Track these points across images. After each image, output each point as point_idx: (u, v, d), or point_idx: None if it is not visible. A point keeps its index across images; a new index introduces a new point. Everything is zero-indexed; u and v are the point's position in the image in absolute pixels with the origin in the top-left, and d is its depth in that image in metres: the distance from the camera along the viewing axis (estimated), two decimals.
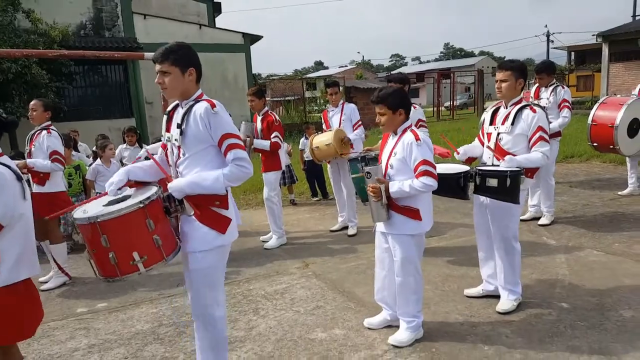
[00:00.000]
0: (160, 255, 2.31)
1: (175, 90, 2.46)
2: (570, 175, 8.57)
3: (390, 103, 3.06)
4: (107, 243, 2.19)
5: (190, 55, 2.46)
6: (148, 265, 2.27)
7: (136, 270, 2.26)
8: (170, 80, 2.42)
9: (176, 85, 2.44)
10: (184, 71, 2.43)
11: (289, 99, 28.36)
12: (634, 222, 5.57)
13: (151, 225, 2.26)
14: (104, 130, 12.06)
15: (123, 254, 2.23)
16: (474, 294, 3.82)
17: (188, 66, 2.44)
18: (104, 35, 15.08)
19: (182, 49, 2.45)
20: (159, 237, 2.29)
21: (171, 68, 2.41)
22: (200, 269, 2.48)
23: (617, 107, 6.12)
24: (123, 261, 2.23)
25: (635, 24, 25.26)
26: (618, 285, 3.87)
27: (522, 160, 3.35)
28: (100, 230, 2.18)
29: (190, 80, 2.46)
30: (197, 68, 2.48)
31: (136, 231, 2.25)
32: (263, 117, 5.58)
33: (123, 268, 2.24)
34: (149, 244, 2.27)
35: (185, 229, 2.48)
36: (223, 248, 2.53)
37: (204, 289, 2.51)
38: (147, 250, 2.27)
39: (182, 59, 2.42)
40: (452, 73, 29.19)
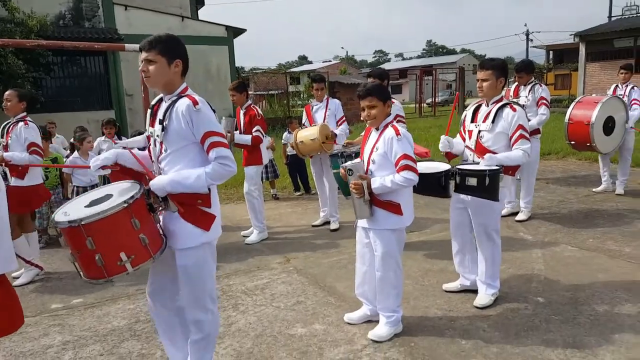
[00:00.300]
0: (147, 254, 2.28)
1: (158, 80, 2.41)
2: (547, 172, 8.73)
3: (380, 95, 3.09)
4: (92, 245, 2.15)
5: (178, 47, 2.43)
6: (136, 264, 2.24)
7: (124, 271, 2.23)
8: (155, 69, 2.38)
9: (160, 74, 2.40)
10: (170, 62, 2.39)
11: (272, 93, 28.20)
12: (607, 218, 5.71)
13: (137, 224, 2.23)
14: (82, 122, 11.86)
15: (110, 255, 2.20)
16: (452, 289, 3.88)
17: (175, 57, 2.40)
18: (83, 25, 14.80)
19: (170, 39, 2.42)
20: (145, 235, 2.26)
21: (157, 57, 2.37)
22: (186, 266, 2.46)
23: (592, 106, 6.25)
24: (110, 262, 2.20)
25: (611, 24, 25.79)
26: (591, 280, 3.96)
27: (502, 158, 3.40)
28: (85, 232, 2.14)
29: (175, 72, 2.42)
30: (183, 61, 2.44)
31: (122, 231, 2.22)
32: (245, 110, 5.54)
33: (110, 269, 2.21)
34: (135, 243, 2.24)
35: (169, 226, 2.46)
36: (209, 245, 2.53)
37: (194, 284, 2.49)
38: (134, 250, 2.24)
39: (169, 50, 2.39)
40: (434, 70, 29.38)
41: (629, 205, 6.21)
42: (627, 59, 20.16)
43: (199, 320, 2.55)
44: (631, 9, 31.16)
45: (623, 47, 22.50)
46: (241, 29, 17.99)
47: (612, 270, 4.15)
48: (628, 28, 22.26)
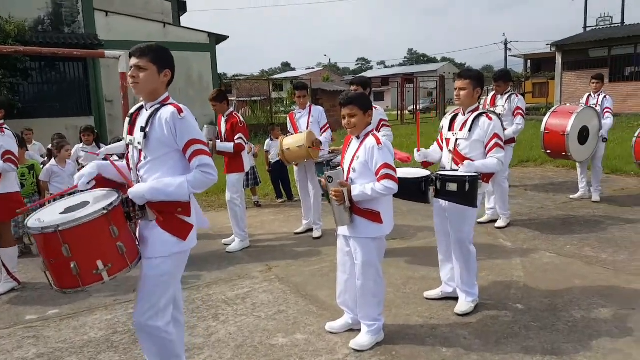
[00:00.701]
0: (124, 263, 2.24)
1: (146, 87, 2.41)
2: (526, 179, 8.86)
3: (361, 104, 3.12)
4: (68, 252, 2.10)
5: (168, 58, 2.47)
6: (112, 273, 2.20)
7: (100, 280, 2.18)
8: (145, 76, 2.38)
9: (150, 82, 2.40)
10: (161, 71, 2.42)
11: (255, 99, 28.17)
12: (584, 224, 5.81)
13: (115, 231, 2.20)
14: (60, 128, 11.68)
15: (86, 263, 2.15)
16: (433, 296, 3.90)
17: (165, 67, 2.43)
18: (63, 31, 14.62)
19: (162, 49, 2.46)
20: (122, 244, 2.23)
21: (149, 65, 2.38)
22: (156, 276, 2.42)
23: (567, 116, 6.38)
24: (86, 271, 2.15)
25: (586, 34, 26.39)
26: (569, 286, 4.02)
27: (479, 165, 3.48)
28: (62, 239, 2.09)
29: (163, 81, 2.44)
30: (172, 71, 2.48)
31: (100, 238, 2.18)
32: (227, 118, 5.53)
33: (86, 278, 2.16)
34: (113, 252, 2.20)
35: (145, 234, 2.42)
36: (182, 254, 2.49)
37: (155, 296, 2.43)
38: (112, 258, 2.20)
39: (161, 59, 2.42)
40: (415, 78, 29.63)
41: (605, 212, 6.33)
42: (601, 69, 20.71)
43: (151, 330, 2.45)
44: (605, 19, 31.98)
45: (598, 57, 23.01)
46: (224, 35, 17.96)
47: (589, 276, 4.22)
48: (602, 39, 22.79)
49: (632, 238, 5.20)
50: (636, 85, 21.57)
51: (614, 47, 22.47)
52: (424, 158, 3.79)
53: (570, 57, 23.97)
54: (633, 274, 4.23)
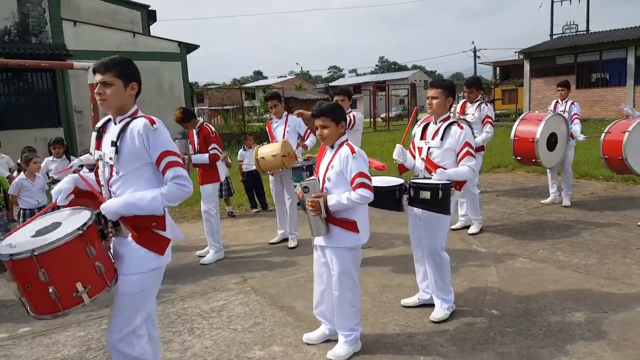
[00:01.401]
0: (103, 283, 2.17)
1: (114, 102, 2.36)
2: (497, 184, 9.01)
3: (333, 116, 3.12)
4: (46, 277, 2.01)
5: (133, 70, 2.41)
6: (93, 294, 2.13)
7: (80, 302, 2.10)
8: (112, 92, 2.33)
9: (117, 97, 2.35)
10: (127, 84, 2.36)
11: (227, 108, 28.02)
12: (555, 229, 5.93)
13: (92, 252, 2.12)
14: (29, 140, 11.39)
15: (65, 287, 2.06)
16: (410, 304, 3.91)
17: (131, 80, 2.38)
18: (30, 41, 14.28)
19: (126, 62, 2.39)
20: (101, 263, 2.16)
21: (114, 79, 2.32)
22: (132, 293, 2.35)
23: (536, 123, 6.52)
24: (65, 294, 2.07)
25: (553, 42, 27.14)
26: (543, 291, 4.09)
27: (451, 173, 3.52)
28: (38, 264, 2.00)
29: (130, 94, 2.39)
30: (139, 84, 2.42)
31: (78, 260, 2.10)
32: (198, 130, 5.49)
33: (65, 302, 2.07)
34: (91, 272, 2.13)
35: (120, 251, 2.36)
36: (159, 270, 2.44)
37: (130, 314, 2.37)
38: (91, 279, 2.12)
39: (126, 72, 2.36)
40: (387, 86, 29.98)
41: (576, 216, 6.48)
42: (568, 75, 21.32)
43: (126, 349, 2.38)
44: (571, 27, 32.93)
45: (564, 64, 23.70)
46: (194, 45, 17.84)
47: (562, 280, 4.29)
48: (568, 46, 23.48)
49: (602, 242, 5.32)
50: (602, 91, 22.28)
51: (580, 54, 23.19)
52: (402, 157, 3.77)
53: (538, 64, 24.63)
54: (604, 277, 4.32)
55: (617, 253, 4.92)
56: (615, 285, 4.13)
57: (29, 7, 14.28)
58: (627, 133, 5.75)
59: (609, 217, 6.32)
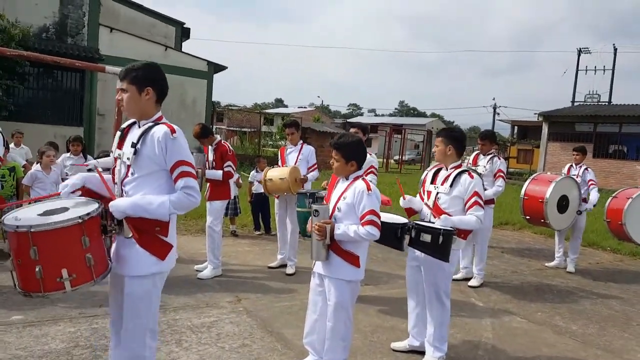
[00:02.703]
0: (89, 276, 2.19)
1: (131, 108, 2.43)
2: (503, 241, 8.95)
3: (344, 153, 3.16)
4: (36, 255, 2.07)
5: (151, 75, 2.44)
6: (76, 284, 2.15)
7: (61, 289, 2.13)
8: (128, 98, 2.41)
9: (132, 103, 2.41)
10: (141, 90, 2.41)
11: (245, 130, 28.38)
12: (557, 293, 5.85)
13: (86, 242, 2.16)
14: (49, 135, 11.65)
15: (51, 270, 2.10)
16: (400, 348, 3.86)
17: (145, 85, 2.41)
18: (66, 41, 14.75)
19: (143, 67, 2.43)
20: (91, 256, 2.18)
21: (129, 86, 2.40)
22: (135, 295, 2.38)
23: (546, 184, 6.53)
24: (49, 277, 2.10)
25: (574, 109, 27.35)
26: (537, 353, 4.02)
27: (456, 220, 3.53)
28: (32, 240, 2.06)
29: (147, 99, 2.43)
30: (156, 88, 2.44)
31: (69, 247, 2.14)
32: (215, 147, 5.58)
33: (48, 284, 2.11)
34: (80, 262, 2.16)
35: (122, 252, 2.39)
36: (160, 275, 2.47)
37: (137, 317, 2.40)
38: (77, 269, 2.15)
39: (140, 78, 2.40)
40: (403, 129, 30.24)
41: (579, 283, 6.39)
42: (586, 143, 21.32)
43: (136, 355, 2.44)
44: (593, 97, 33.23)
45: (583, 132, 23.77)
46: (222, 65, 18.25)
47: (557, 346, 4.22)
48: (589, 114, 23.62)
49: (603, 312, 5.24)
50: (619, 163, 22.25)
51: (600, 124, 23.26)
52: (408, 204, 3.83)
53: (557, 128, 24.73)
54: (601, 348, 4.24)
55: (617, 326, 4.84)
56: (612, 358, 4.05)
57: (70, 9, 14.80)
58: (631, 199, 5.76)
59: (613, 289, 6.24)
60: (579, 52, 34.37)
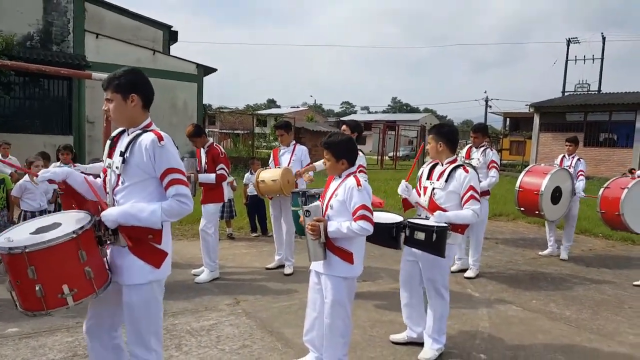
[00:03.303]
0: (91, 288, 2.20)
1: (118, 117, 2.43)
2: (497, 232, 9.03)
3: (334, 152, 3.19)
4: (34, 275, 2.06)
5: (134, 81, 2.42)
6: (78, 298, 2.16)
7: (64, 305, 2.14)
8: (113, 108, 2.40)
9: (119, 112, 2.41)
10: (126, 98, 2.40)
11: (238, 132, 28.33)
12: (551, 281, 5.93)
13: (83, 256, 2.16)
14: (39, 145, 11.56)
15: (51, 287, 2.10)
16: (399, 340, 3.91)
17: (130, 92, 2.39)
18: (51, 49, 14.64)
19: (126, 74, 2.41)
20: (90, 269, 2.19)
21: (113, 95, 2.39)
22: (134, 303, 2.39)
23: (541, 176, 6.62)
24: (50, 294, 2.11)
25: (564, 99, 27.55)
26: (532, 340, 4.08)
27: (451, 216, 3.57)
28: (28, 260, 2.05)
29: (133, 106, 2.42)
30: (141, 94, 2.43)
31: (67, 262, 2.13)
32: (207, 150, 5.58)
33: (50, 302, 2.11)
34: (80, 276, 2.16)
35: (117, 261, 2.40)
36: (158, 283, 2.47)
37: (138, 324, 2.41)
38: (78, 283, 2.15)
39: (124, 86, 2.39)
40: (397, 126, 30.31)
41: (572, 270, 6.48)
42: (577, 132, 21.50)
43: (140, 359, 2.46)
44: (583, 86, 33.48)
45: (574, 121, 23.96)
46: (212, 68, 18.20)
47: (553, 332, 4.29)
48: (579, 104, 23.81)
49: (596, 297, 5.31)
50: (609, 151, 22.46)
51: (590, 113, 23.47)
52: (407, 193, 3.84)
53: (548, 118, 24.91)
54: (594, 332, 4.31)
55: (609, 310, 4.92)
56: (605, 341, 4.12)
57: (54, 16, 14.69)
58: (627, 189, 5.81)
59: (605, 274, 6.32)
60: (568, 42, 34.59)
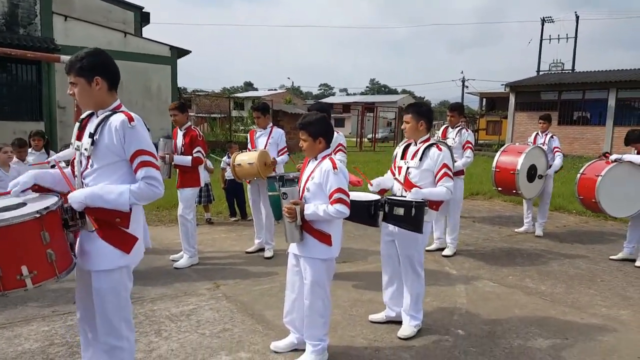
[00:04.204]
0: (52, 272, 2.13)
1: (85, 101, 2.36)
2: (474, 211, 9.16)
3: (311, 131, 3.16)
4: None
5: (97, 63, 2.33)
6: (37, 281, 2.09)
7: (22, 286, 2.06)
8: (78, 92, 2.33)
9: (84, 96, 2.34)
10: (90, 81, 2.32)
11: (214, 116, 27.98)
12: (526, 257, 6.05)
13: (46, 238, 2.09)
14: (8, 132, 11.25)
15: (10, 267, 2.04)
16: (377, 320, 3.95)
17: (93, 75, 2.31)
18: (17, 32, 14.15)
19: (88, 57, 2.32)
20: (53, 251, 2.12)
21: (77, 79, 2.31)
22: (103, 289, 2.34)
23: (517, 155, 6.71)
24: (9, 275, 2.04)
25: (539, 78, 27.88)
26: (509, 315, 4.17)
27: (426, 193, 3.60)
28: None
29: (98, 89, 2.34)
30: (105, 76, 2.35)
31: (28, 243, 2.07)
32: (185, 131, 5.48)
33: (8, 283, 2.04)
34: (40, 259, 2.10)
35: (86, 247, 2.34)
36: (127, 269, 2.42)
37: (107, 310, 2.37)
38: (38, 265, 2.09)
39: (86, 68, 2.30)
40: (375, 107, 30.34)
41: (546, 246, 6.62)
42: (551, 111, 21.81)
43: (113, 346, 2.42)
44: (557, 65, 33.93)
45: (548, 100, 24.31)
46: (186, 50, 17.85)
47: (528, 306, 4.39)
48: (553, 83, 24.12)
49: (570, 272, 5.45)
50: (583, 129, 22.88)
51: (564, 92, 23.82)
52: (378, 188, 3.90)
53: (523, 98, 25.20)
54: (569, 305, 4.43)
55: (583, 284, 5.05)
56: (579, 314, 4.24)
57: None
58: (600, 177, 5.89)
59: (579, 249, 6.48)
60: (542, 22, 34.94)
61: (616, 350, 3.56)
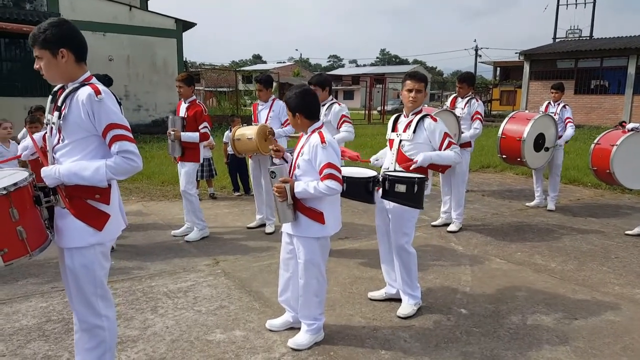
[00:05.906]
0: (24, 249, 2.06)
1: (52, 75, 2.22)
2: (484, 184, 8.95)
3: (289, 107, 3.04)
4: None
5: (61, 34, 2.17)
6: (8, 259, 2.02)
7: None
8: (44, 66, 2.18)
9: (50, 70, 2.19)
10: (55, 53, 2.17)
11: (222, 90, 27.75)
12: (537, 232, 5.87)
13: (15, 215, 2.01)
14: (19, 108, 11.24)
15: None
16: (377, 297, 3.85)
17: (58, 47, 2.16)
18: (24, 7, 14.02)
19: (51, 28, 2.16)
20: (23, 229, 2.05)
21: (41, 52, 2.16)
22: (76, 266, 2.26)
23: (524, 122, 6.45)
24: None
25: (555, 45, 27.02)
26: (515, 293, 4.03)
27: (434, 156, 3.52)
28: None
29: (65, 62, 2.19)
30: (71, 47, 2.19)
31: None
32: (190, 105, 5.36)
33: None
34: (11, 236, 2.02)
35: (59, 223, 2.25)
36: (101, 247, 2.31)
37: (81, 287, 2.29)
38: (8, 243, 2.02)
39: (50, 40, 2.15)
40: (384, 79, 29.82)
41: (558, 221, 6.43)
42: (568, 80, 21.22)
43: (93, 325, 2.35)
44: (574, 32, 32.85)
45: (565, 68, 23.59)
46: (191, 22, 17.57)
47: (536, 284, 4.24)
48: (570, 50, 23.36)
49: (582, 248, 5.27)
50: (600, 99, 22.22)
51: (581, 60, 23.07)
52: (379, 163, 3.80)
53: (538, 66, 24.51)
54: (579, 283, 4.27)
55: (596, 261, 4.88)
56: (590, 292, 4.08)
57: None
58: (615, 147, 5.65)
59: (592, 224, 6.28)
60: None
61: (628, 332, 3.40)
